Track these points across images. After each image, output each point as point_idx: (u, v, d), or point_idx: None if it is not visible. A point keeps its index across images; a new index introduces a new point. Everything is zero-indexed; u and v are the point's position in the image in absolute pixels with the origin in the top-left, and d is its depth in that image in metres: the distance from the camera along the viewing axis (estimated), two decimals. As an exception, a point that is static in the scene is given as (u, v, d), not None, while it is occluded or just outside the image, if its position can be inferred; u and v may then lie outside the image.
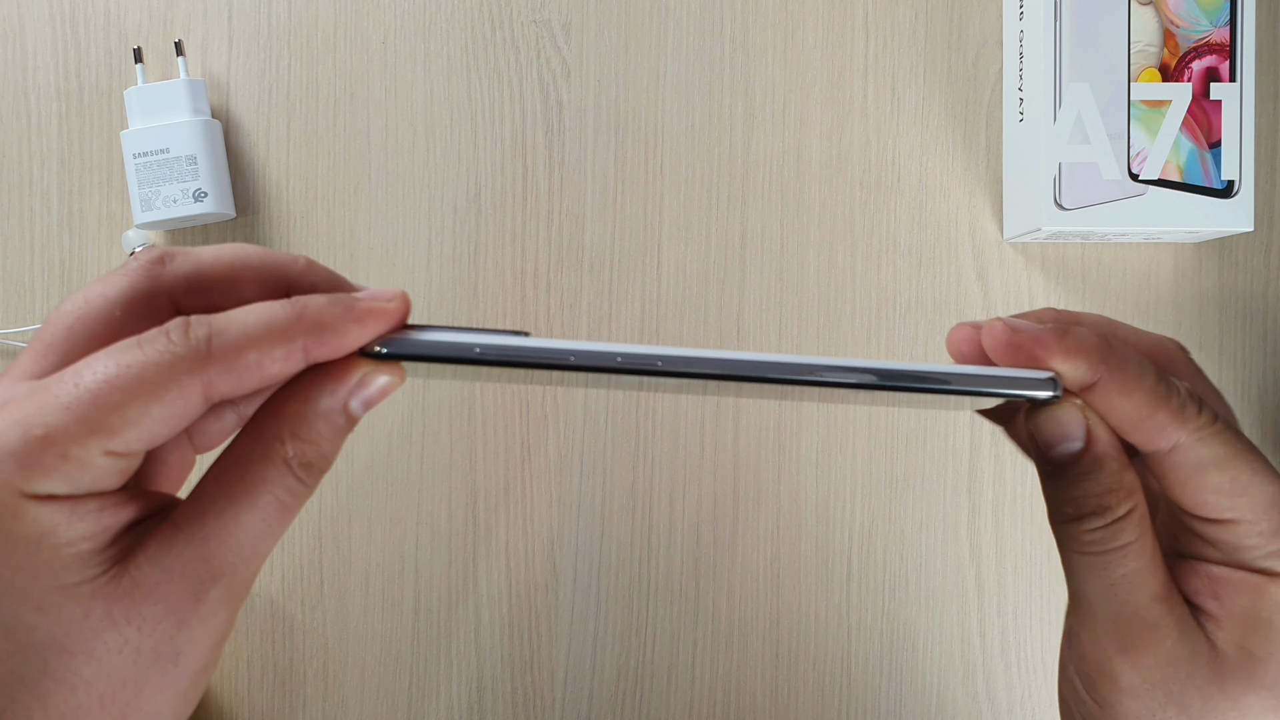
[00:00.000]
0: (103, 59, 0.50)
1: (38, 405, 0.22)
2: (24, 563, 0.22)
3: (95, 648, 0.22)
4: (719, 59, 0.50)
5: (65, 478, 0.22)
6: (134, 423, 0.22)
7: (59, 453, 0.22)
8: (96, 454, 0.22)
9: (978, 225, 0.50)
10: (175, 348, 0.22)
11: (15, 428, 0.22)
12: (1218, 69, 0.46)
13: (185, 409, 0.22)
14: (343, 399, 0.24)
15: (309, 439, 0.24)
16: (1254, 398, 0.50)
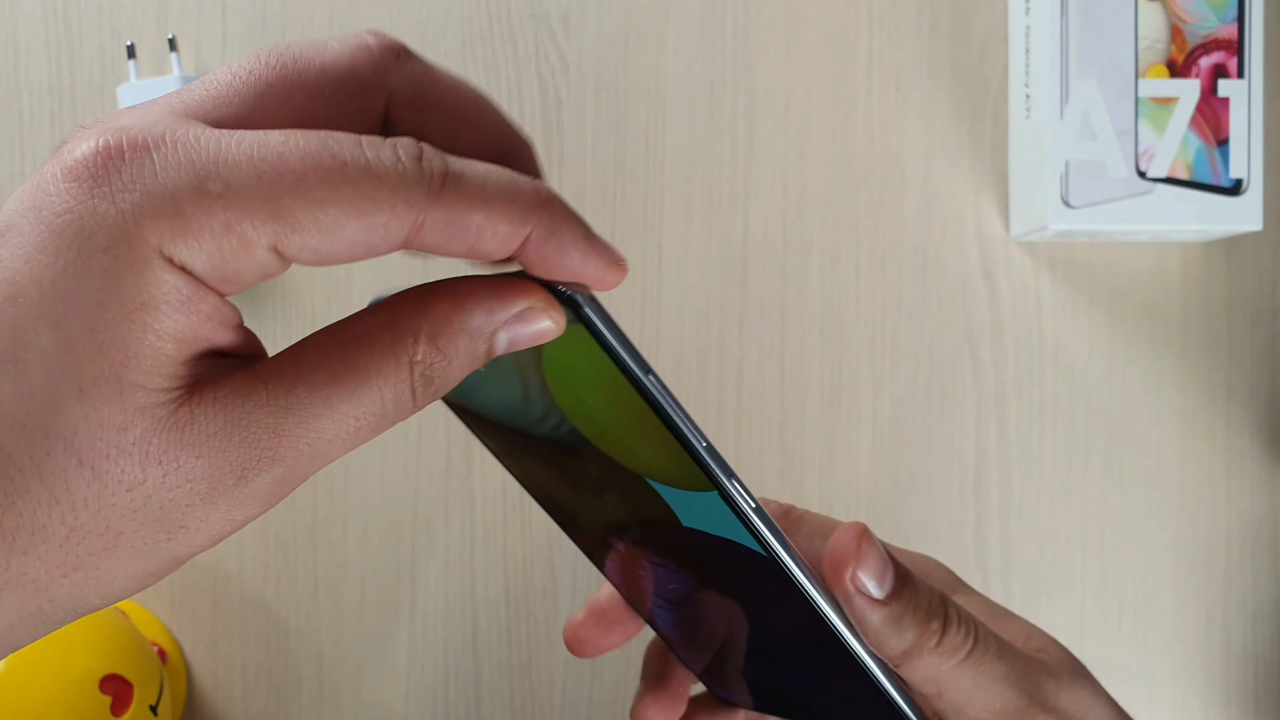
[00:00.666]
0: (95, 55, 0.49)
1: (224, 158, 0.18)
2: (106, 331, 0.17)
3: (107, 470, 0.18)
4: (721, 54, 0.49)
5: (215, 255, 0.18)
6: (324, 229, 0.18)
7: (226, 222, 0.18)
8: (264, 244, 0.18)
9: (984, 223, 0.49)
10: (405, 171, 0.19)
11: (189, 173, 0.18)
12: (1226, 65, 0.45)
13: (382, 240, 0.19)
14: (498, 322, 0.20)
15: (444, 350, 0.20)
16: (1262, 399, 0.49)
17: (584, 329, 0.21)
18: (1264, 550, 0.49)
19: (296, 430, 0.19)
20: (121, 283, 0.17)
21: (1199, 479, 0.49)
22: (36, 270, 0.18)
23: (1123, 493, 0.49)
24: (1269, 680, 0.49)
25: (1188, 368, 0.49)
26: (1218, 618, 0.49)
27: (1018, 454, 0.49)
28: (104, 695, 0.40)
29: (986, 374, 0.49)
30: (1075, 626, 0.49)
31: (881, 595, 0.24)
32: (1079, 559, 0.49)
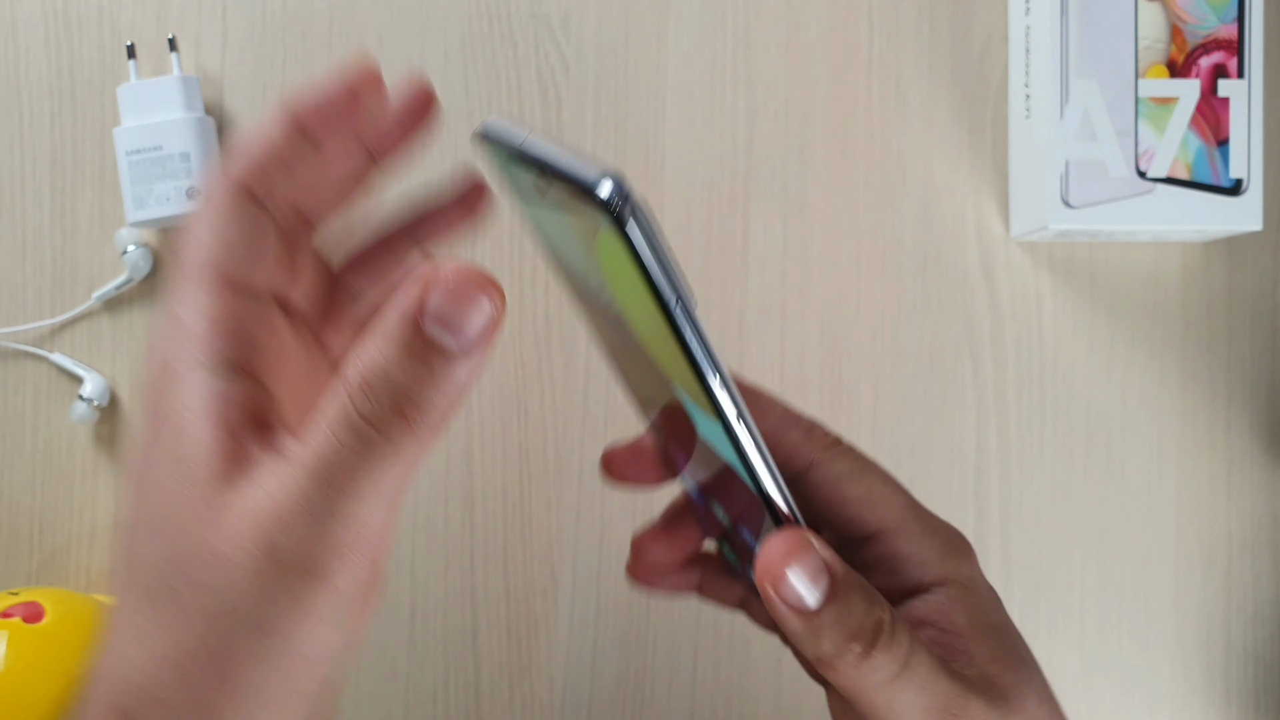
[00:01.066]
0: (95, 55, 0.49)
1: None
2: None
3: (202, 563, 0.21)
4: (721, 55, 0.49)
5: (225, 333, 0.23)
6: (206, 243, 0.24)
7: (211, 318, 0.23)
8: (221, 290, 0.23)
9: (984, 223, 0.49)
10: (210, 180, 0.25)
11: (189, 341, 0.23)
12: (1226, 65, 0.45)
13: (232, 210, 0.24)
14: (408, 319, 0.20)
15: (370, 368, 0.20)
16: (1263, 399, 0.49)
17: (620, 244, 0.20)
18: (1264, 550, 0.49)
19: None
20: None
21: (1199, 478, 0.49)
22: None
23: (1122, 492, 0.49)
24: (1269, 680, 0.49)
25: (1188, 367, 0.49)
26: (1218, 618, 0.49)
27: (1017, 453, 0.49)
28: (104, 695, 0.40)
29: (986, 374, 0.49)
30: (1075, 626, 0.49)
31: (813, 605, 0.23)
32: (1079, 558, 0.49)
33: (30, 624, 0.40)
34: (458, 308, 0.20)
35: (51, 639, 0.40)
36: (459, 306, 0.20)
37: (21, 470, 0.49)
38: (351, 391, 0.20)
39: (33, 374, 0.49)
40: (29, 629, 0.40)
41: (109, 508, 0.49)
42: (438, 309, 0.20)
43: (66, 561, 0.49)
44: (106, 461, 0.49)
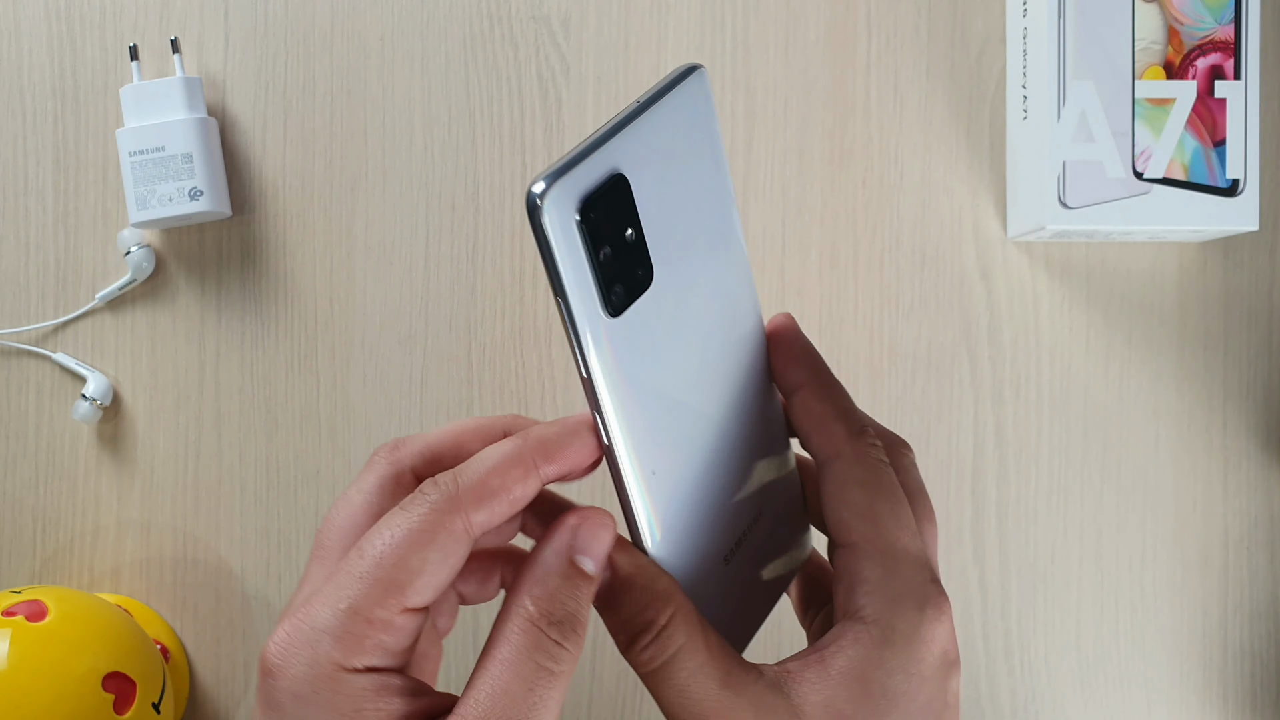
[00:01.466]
0: (98, 56, 0.50)
1: (338, 584, 0.25)
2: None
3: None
4: (720, 56, 0.49)
5: (377, 646, 0.24)
6: (419, 572, 0.24)
7: (365, 619, 0.24)
8: (396, 612, 0.24)
9: (981, 224, 0.49)
10: (431, 497, 0.25)
11: (324, 608, 0.24)
12: (1222, 67, 0.45)
13: (456, 547, 0.25)
14: (564, 551, 0.25)
15: (546, 594, 0.25)
16: (1259, 398, 0.49)
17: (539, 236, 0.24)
18: (1261, 549, 0.49)
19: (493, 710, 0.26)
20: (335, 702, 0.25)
21: (1196, 478, 0.49)
22: None
23: (1119, 491, 0.49)
24: (1265, 678, 0.49)
25: (1184, 367, 0.49)
26: (1214, 616, 0.49)
27: (1015, 453, 0.49)
28: (107, 693, 0.40)
29: (984, 373, 0.49)
30: (1072, 624, 0.49)
31: (592, 572, 0.26)
32: (1076, 557, 0.49)
33: (33, 622, 0.41)
34: (595, 538, 0.26)
35: (54, 637, 0.41)
36: (595, 537, 0.26)
37: (25, 469, 0.50)
38: (538, 621, 0.25)
39: (36, 373, 0.50)
40: (32, 627, 0.40)
41: (112, 507, 0.50)
42: (583, 543, 0.26)
43: (69, 560, 0.50)
44: (110, 460, 0.49)
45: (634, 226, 0.25)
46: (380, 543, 0.25)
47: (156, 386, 0.49)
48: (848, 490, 0.28)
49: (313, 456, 0.49)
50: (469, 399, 0.49)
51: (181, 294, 0.50)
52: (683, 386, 0.27)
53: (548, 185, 0.23)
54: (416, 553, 0.25)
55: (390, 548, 0.25)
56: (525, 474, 0.25)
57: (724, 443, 0.28)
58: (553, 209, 0.23)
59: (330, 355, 0.49)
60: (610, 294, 0.24)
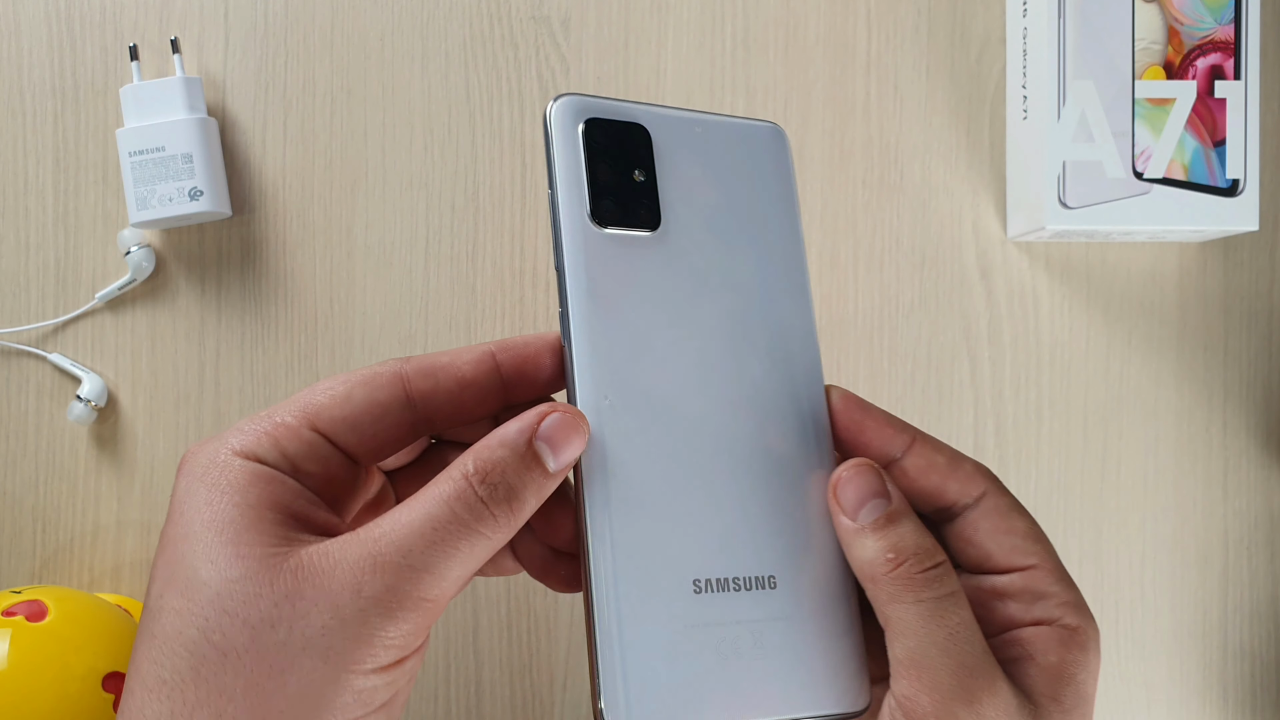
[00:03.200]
0: (98, 56, 0.50)
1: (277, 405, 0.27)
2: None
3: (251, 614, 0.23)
4: (720, 56, 0.49)
5: (270, 442, 0.26)
6: (340, 397, 0.26)
7: (272, 420, 0.26)
8: (303, 424, 0.26)
9: (981, 224, 0.49)
10: (382, 364, 0.27)
11: (249, 418, 0.26)
12: (1222, 67, 0.45)
13: (386, 392, 0.26)
14: (526, 429, 0.25)
15: (490, 462, 0.25)
16: (1259, 399, 0.49)
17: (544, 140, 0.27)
18: (1261, 549, 0.49)
19: (387, 549, 0.24)
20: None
21: (1196, 478, 0.49)
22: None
23: (1119, 492, 0.49)
24: (1265, 678, 0.49)
25: (1184, 367, 0.49)
26: (1214, 616, 0.49)
27: (1015, 453, 0.49)
28: (107, 693, 0.40)
29: (984, 374, 0.49)
30: (1073, 625, 0.49)
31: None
32: (1076, 557, 0.49)
33: (33, 622, 0.41)
34: (563, 435, 0.25)
35: (55, 637, 0.41)
36: (564, 434, 0.25)
37: (25, 468, 0.50)
38: (471, 476, 0.25)
39: (35, 373, 0.50)
40: (32, 627, 0.40)
41: (112, 506, 0.50)
42: (548, 432, 0.25)
43: (70, 560, 0.50)
44: (110, 460, 0.49)
45: (645, 172, 0.27)
46: (327, 379, 0.27)
47: (156, 386, 0.49)
48: (1011, 519, 0.28)
49: (313, 456, 0.49)
50: (469, 399, 0.49)
51: (181, 294, 0.50)
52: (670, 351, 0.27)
53: (566, 94, 0.26)
54: (346, 388, 0.26)
55: (328, 381, 0.27)
56: (478, 359, 0.27)
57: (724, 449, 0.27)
58: (564, 111, 0.26)
59: (330, 355, 0.49)
60: (599, 204, 0.26)
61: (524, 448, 0.25)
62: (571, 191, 0.26)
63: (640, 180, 0.27)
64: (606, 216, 0.26)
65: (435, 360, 0.27)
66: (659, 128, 0.27)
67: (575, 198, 0.26)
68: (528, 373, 0.27)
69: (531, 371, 0.27)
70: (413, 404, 0.27)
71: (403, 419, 0.27)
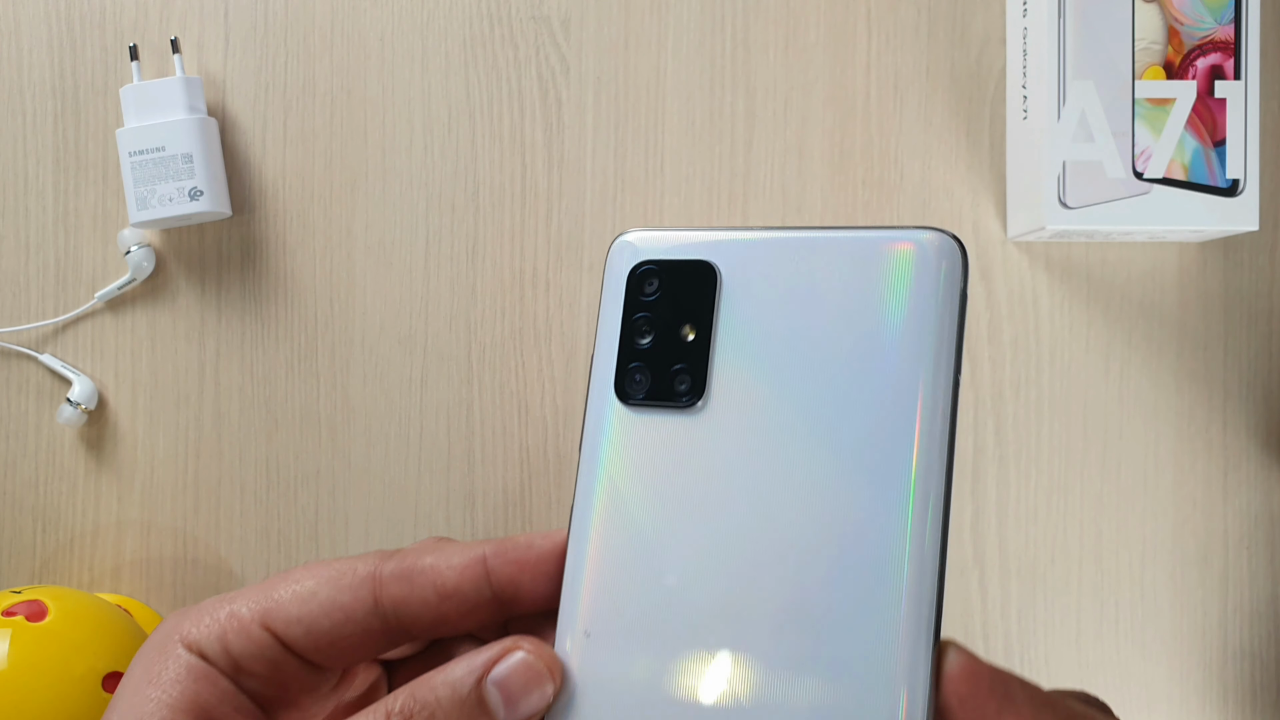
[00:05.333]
0: (98, 56, 0.50)
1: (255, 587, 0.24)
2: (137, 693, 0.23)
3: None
4: (720, 56, 0.49)
5: (216, 635, 0.23)
6: (299, 597, 0.23)
7: (228, 609, 0.24)
8: (256, 620, 0.23)
9: (981, 224, 0.49)
10: (361, 559, 0.24)
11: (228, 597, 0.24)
12: (1222, 67, 0.45)
13: (350, 598, 0.23)
14: (478, 671, 0.21)
15: (424, 706, 0.21)
16: (1259, 399, 0.49)
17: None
18: (1261, 549, 0.49)
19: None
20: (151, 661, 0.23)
21: (1196, 478, 0.49)
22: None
23: (1120, 492, 0.49)
24: (1266, 679, 0.49)
25: (1184, 367, 0.49)
26: (1214, 616, 0.49)
27: (1015, 453, 0.49)
28: (107, 693, 0.40)
29: (984, 374, 0.49)
30: (1072, 625, 0.49)
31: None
32: (1076, 558, 0.49)
33: (33, 622, 0.41)
34: (522, 683, 0.21)
35: (54, 637, 0.41)
36: (523, 682, 0.21)
37: (25, 469, 0.50)
38: (394, 713, 0.21)
39: (34, 373, 0.50)
40: (32, 627, 0.40)
41: (111, 506, 0.50)
42: (505, 677, 0.21)
43: (70, 560, 0.50)
44: (109, 460, 0.49)
45: (699, 328, 0.21)
46: (301, 568, 0.24)
47: (156, 386, 0.49)
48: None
49: (312, 456, 0.49)
50: (469, 399, 0.49)
51: (181, 294, 0.50)
52: (687, 568, 0.20)
53: (636, 231, 0.22)
54: (311, 583, 0.23)
55: (299, 571, 0.23)
56: (465, 565, 0.23)
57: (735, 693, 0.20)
58: (619, 253, 0.22)
59: (330, 355, 0.49)
60: (627, 375, 0.22)
61: (469, 693, 0.21)
62: (604, 359, 0.22)
63: (689, 340, 0.21)
64: (633, 390, 0.21)
65: (416, 563, 0.23)
66: (738, 261, 0.21)
67: (604, 366, 0.22)
68: (524, 586, 0.22)
69: (529, 585, 0.22)
70: (382, 612, 0.23)
71: (370, 626, 0.23)
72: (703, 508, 0.21)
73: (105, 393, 0.50)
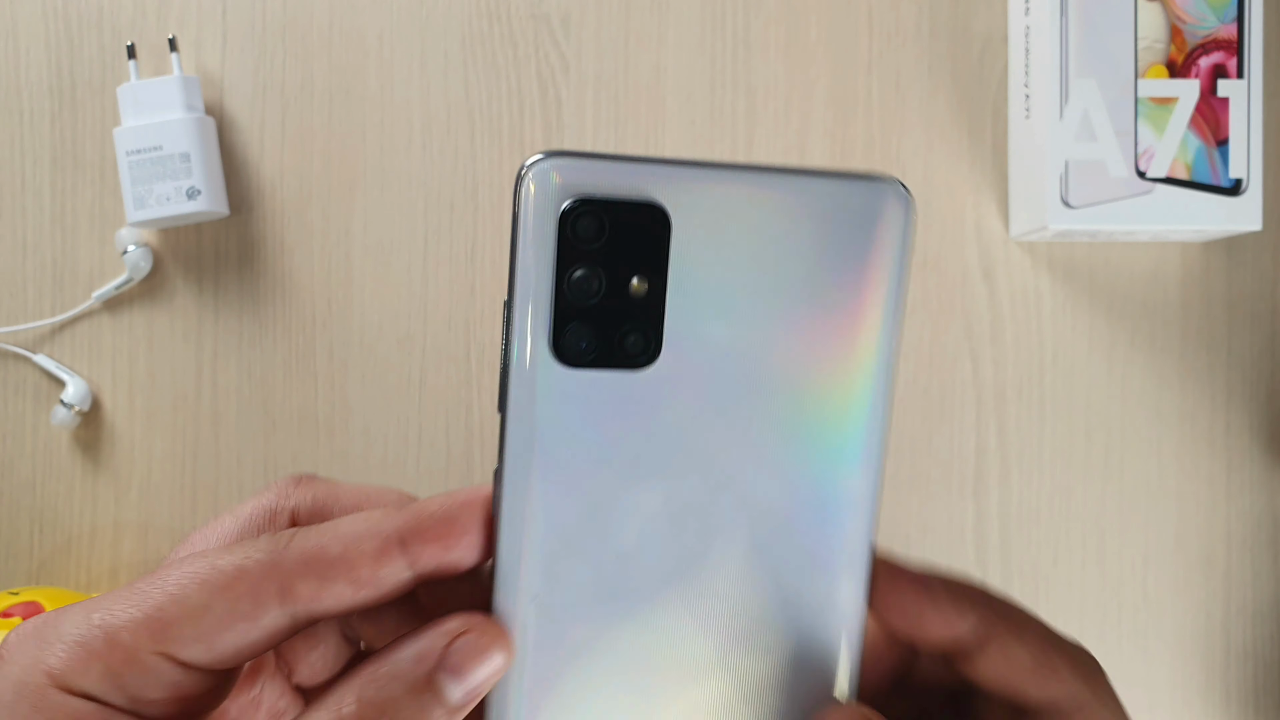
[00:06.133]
0: (96, 55, 0.49)
1: (114, 596, 0.21)
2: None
3: None
4: (721, 55, 0.49)
5: (107, 675, 0.20)
6: (194, 618, 0.20)
7: (110, 639, 0.20)
8: (149, 649, 0.20)
9: (983, 224, 0.49)
10: (256, 547, 0.21)
11: (79, 613, 0.20)
12: (1225, 65, 0.45)
13: (258, 613, 0.20)
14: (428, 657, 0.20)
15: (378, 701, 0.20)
16: (1262, 399, 0.49)
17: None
18: (1263, 550, 0.49)
19: None
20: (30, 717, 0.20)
21: (1199, 479, 0.49)
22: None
23: (1122, 492, 0.49)
24: (1268, 680, 0.49)
25: (1187, 367, 0.49)
26: (1217, 617, 0.49)
27: (1017, 454, 0.49)
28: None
29: (986, 374, 0.49)
30: (1075, 626, 0.49)
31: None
32: (1078, 559, 0.49)
33: (30, 624, 0.40)
34: (473, 663, 0.20)
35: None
36: (474, 662, 0.20)
37: (21, 470, 0.49)
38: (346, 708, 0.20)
39: (31, 374, 0.49)
40: (29, 629, 0.40)
41: (109, 508, 0.49)
42: (456, 661, 0.20)
43: (66, 561, 0.49)
44: (107, 461, 0.49)
45: (651, 280, 0.19)
46: (189, 567, 0.21)
47: (154, 387, 0.49)
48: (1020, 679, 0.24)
49: (311, 457, 0.49)
50: (468, 399, 0.49)
51: (179, 294, 0.49)
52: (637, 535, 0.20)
53: (548, 157, 0.19)
54: (203, 596, 0.20)
55: (187, 577, 0.20)
56: (381, 551, 0.20)
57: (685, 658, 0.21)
58: (537, 185, 0.18)
59: (328, 355, 0.49)
60: (565, 333, 0.19)
61: (423, 682, 0.20)
62: (532, 312, 0.19)
63: (639, 293, 0.19)
64: (574, 351, 0.19)
65: (322, 555, 0.20)
66: (687, 200, 0.19)
67: (536, 319, 0.19)
68: (446, 562, 0.21)
69: (452, 560, 0.21)
70: (291, 611, 0.20)
71: (278, 625, 0.21)
72: (654, 469, 0.20)
73: (102, 393, 0.49)
